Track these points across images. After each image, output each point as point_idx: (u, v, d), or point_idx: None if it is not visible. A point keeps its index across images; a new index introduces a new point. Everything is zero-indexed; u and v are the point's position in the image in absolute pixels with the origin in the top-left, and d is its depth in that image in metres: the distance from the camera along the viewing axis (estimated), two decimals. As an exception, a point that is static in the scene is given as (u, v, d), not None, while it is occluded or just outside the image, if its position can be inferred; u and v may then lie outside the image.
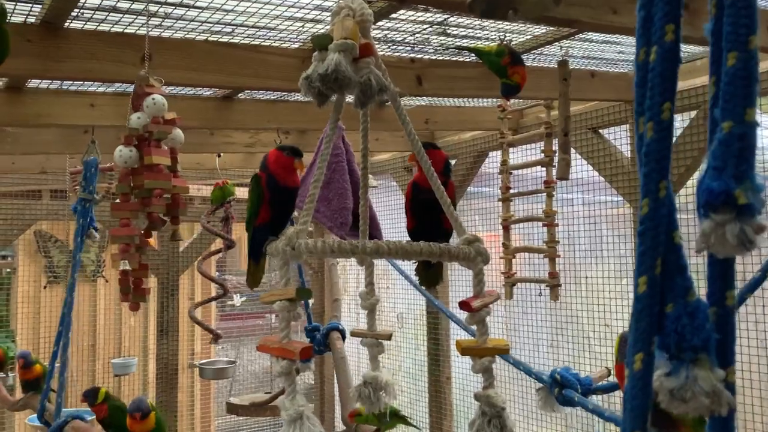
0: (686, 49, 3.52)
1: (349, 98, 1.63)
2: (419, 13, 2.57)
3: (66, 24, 2.29)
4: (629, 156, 4.01)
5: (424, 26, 2.75)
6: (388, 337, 2.04)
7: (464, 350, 1.54)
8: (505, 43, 2.90)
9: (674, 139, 3.75)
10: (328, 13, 2.48)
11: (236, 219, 4.79)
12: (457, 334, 5.32)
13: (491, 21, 2.80)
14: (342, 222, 3.08)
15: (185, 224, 6.42)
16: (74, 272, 2.82)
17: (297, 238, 1.47)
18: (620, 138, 4.13)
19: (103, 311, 6.94)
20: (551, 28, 2.97)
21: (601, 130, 4.21)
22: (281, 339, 1.43)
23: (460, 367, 5.33)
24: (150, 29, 2.25)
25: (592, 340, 4.38)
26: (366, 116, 1.96)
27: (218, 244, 6.81)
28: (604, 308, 4.27)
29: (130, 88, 3.29)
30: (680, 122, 3.80)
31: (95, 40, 2.33)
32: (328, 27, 2.66)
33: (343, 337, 3.36)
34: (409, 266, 4.64)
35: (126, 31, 2.42)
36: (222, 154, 5.04)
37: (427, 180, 1.99)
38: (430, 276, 2.19)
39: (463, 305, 1.58)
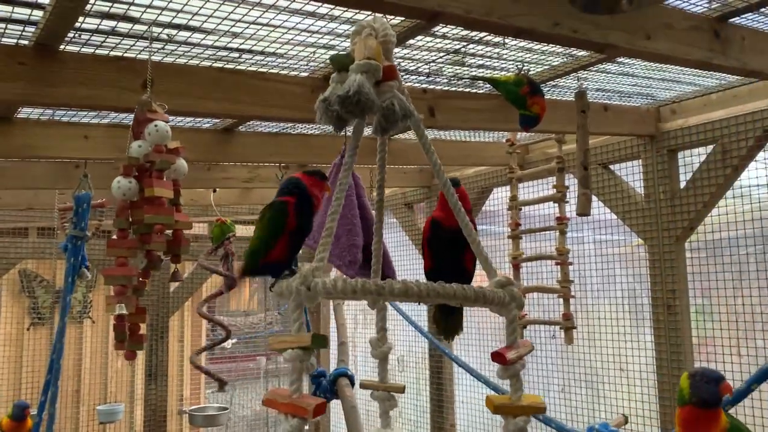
0: (702, 82, 3.42)
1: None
2: (437, 40, 2.44)
3: (61, 47, 2.13)
4: (642, 192, 3.88)
5: (440, 54, 2.61)
6: (402, 390, 1.83)
7: (497, 408, 1.37)
8: (523, 72, 2.78)
9: (691, 174, 3.66)
10: (342, 39, 2.34)
11: (236, 257, 4.59)
12: (461, 379, 5.10)
13: (508, 50, 2.68)
14: (351, 260, 2.90)
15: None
16: (64, 315, 2.61)
17: (313, 277, 1.29)
18: (632, 174, 4.00)
19: (89, 354, 6.64)
20: (569, 59, 2.86)
21: (611, 166, 4.09)
22: (291, 393, 1.24)
23: (465, 413, 5.10)
24: (152, 53, 2.09)
25: (606, 385, 4.17)
26: (384, 145, 1.79)
27: (210, 283, 6.59)
28: (618, 351, 4.08)
29: (128, 119, 3.13)
30: (697, 157, 3.68)
31: (93, 65, 2.17)
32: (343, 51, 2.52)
33: (352, 384, 3.13)
34: (413, 309, 4.46)
35: (126, 55, 2.26)
36: (217, 189, 4.87)
37: (448, 217, 1.81)
38: (449, 326, 1.96)
39: (497, 357, 1.41)
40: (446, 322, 1.93)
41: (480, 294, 1.39)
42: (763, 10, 2.42)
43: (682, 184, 3.71)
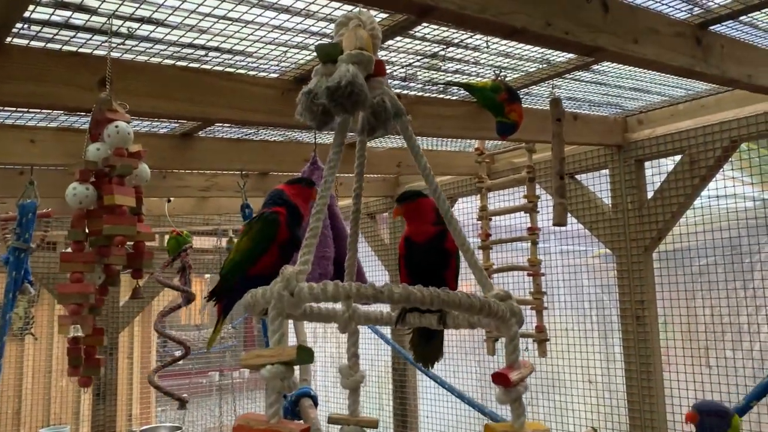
0: (670, 92, 3.41)
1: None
2: (416, 42, 2.33)
3: (8, 39, 1.93)
4: (610, 203, 3.85)
5: (417, 57, 2.50)
6: (375, 424, 1.69)
7: (499, 437, 1.27)
8: (500, 78, 2.69)
9: (658, 184, 3.65)
10: (317, 38, 2.20)
11: (193, 269, 4.38)
12: (425, 392, 4.99)
13: (488, 53, 2.59)
14: (321, 273, 2.75)
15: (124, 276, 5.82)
16: (2, 335, 2.37)
17: (297, 281, 1.15)
18: (599, 184, 3.97)
19: (30, 373, 6.26)
20: (545, 66, 2.79)
21: (578, 176, 4.05)
22: (269, 418, 1.08)
23: (429, 427, 4.98)
24: (112, 48, 1.91)
25: (574, 397, 4.12)
26: (363, 150, 1.65)
27: (162, 297, 6.31)
28: (586, 362, 4.03)
29: (79, 122, 2.92)
30: (665, 167, 3.68)
31: (43, 60, 1.97)
32: (308, 58, 2.38)
33: (315, 405, 2.96)
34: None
35: (81, 50, 2.07)
36: (172, 199, 4.64)
37: (418, 232, 1.69)
38: (429, 352, 1.81)
39: (499, 378, 1.30)
40: (425, 347, 1.79)
41: (485, 304, 1.28)
42: (741, 18, 2.40)
43: (650, 194, 3.70)
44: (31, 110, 2.71)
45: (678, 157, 3.57)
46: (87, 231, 1.70)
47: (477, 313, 1.30)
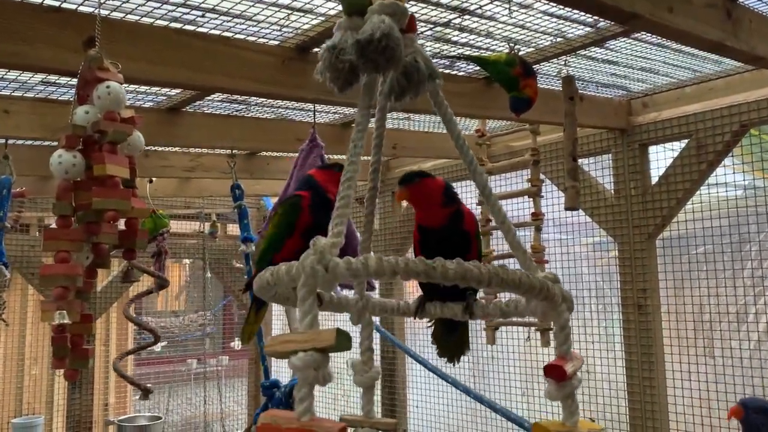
0: (676, 74, 3.28)
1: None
2: (430, 7, 2.16)
3: (-18, -8, 1.73)
4: (612, 189, 3.73)
5: (428, 26, 2.34)
6: (393, 427, 1.52)
7: (553, 437, 1.15)
8: (515, 51, 2.54)
9: (663, 169, 3.53)
10: (322, 2, 2.03)
11: (170, 254, 4.19)
12: (414, 382, 4.85)
13: (503, 24, 2.43)
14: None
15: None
16: (-24, 321, 2.16)
17: (331, 255, 0.97)
18: (602, 169, 3.85)
19: (1, 360, 6.00)
20: (559, 39, 2.64)
21: (580, 160, 3.92)
22: (300, 415, 0.91)
23: (419, 419, 4.85)
24: (101, 3, 1.71)
25: (572, 388, 4.01)
26: (384, 117, 1.47)
27: (141, 283, 6.08)
28: (586, 353, 3.92)
29: (58, 92, 2.70)
30: (671, 152, 3.56)
31: (22, 16, 1.76)
32: (314, 23, 2.20)
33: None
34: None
35: (64, 6, 1.86)
36: (154, 179, 4.42)
37: (433, 218, 1.54)
38: (452, 345, 1.63)
39: (553, 371, 1.17)
40: (447, 340, 1.63)
41: (544, 285, 1.14)
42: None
43: (654, 180, 3.58)
44: (5, 77, 2.49)
45: (684, 142, 3.46)
46: (74, 205, 1.50)
47: (536, 296, 1.16)
